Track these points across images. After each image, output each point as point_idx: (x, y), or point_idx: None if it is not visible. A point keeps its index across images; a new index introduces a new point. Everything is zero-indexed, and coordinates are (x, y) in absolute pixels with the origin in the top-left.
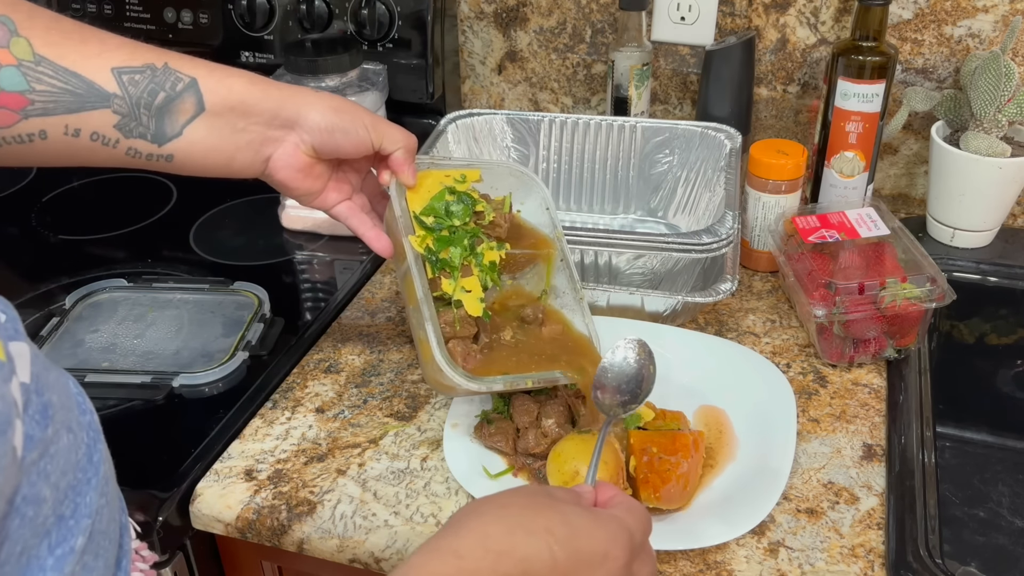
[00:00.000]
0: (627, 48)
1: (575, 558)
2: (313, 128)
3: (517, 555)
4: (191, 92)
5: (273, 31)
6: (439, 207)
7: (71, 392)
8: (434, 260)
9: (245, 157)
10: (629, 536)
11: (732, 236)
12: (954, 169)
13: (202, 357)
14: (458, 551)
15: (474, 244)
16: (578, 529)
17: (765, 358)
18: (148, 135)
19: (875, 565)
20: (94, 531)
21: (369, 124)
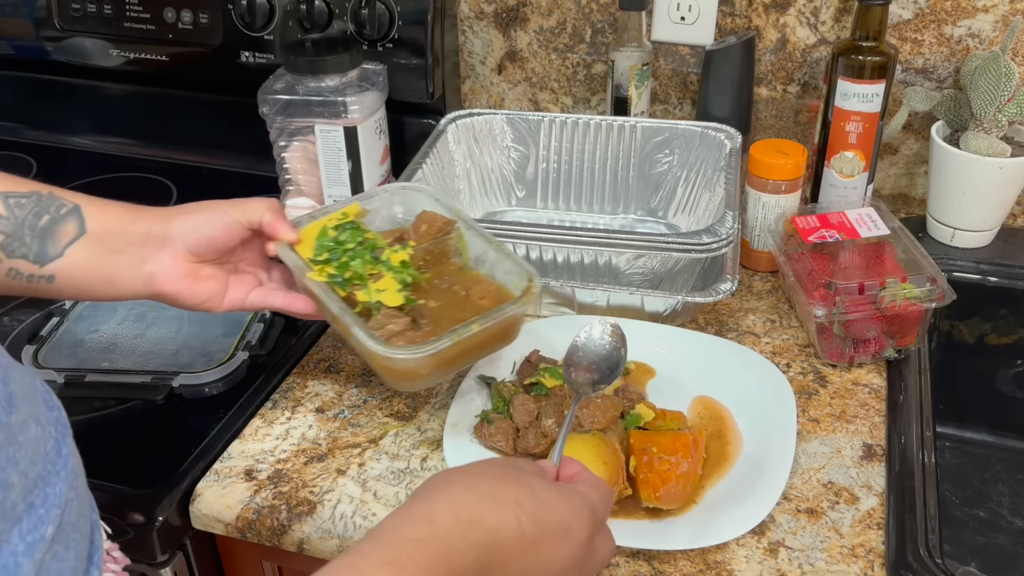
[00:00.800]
0: (627, 48)
1: (541, 529)
2: (180, 233)
3: (487, 524)
4: (74, 216)
5: (273, 31)
6: (326, 243)
7: (37, 389)
8: (340, 281)
9: (125, 277)
10: (592, 511)
11: (732, 236)
12: (954, 169)
13: (202, 357)
14: (430, 517)
15: (377, 256)
16: (545, 502)
17: (765, 358)
18: (30, 256)
19: (875, 565)
20: (64, 522)
21: (227, 206)
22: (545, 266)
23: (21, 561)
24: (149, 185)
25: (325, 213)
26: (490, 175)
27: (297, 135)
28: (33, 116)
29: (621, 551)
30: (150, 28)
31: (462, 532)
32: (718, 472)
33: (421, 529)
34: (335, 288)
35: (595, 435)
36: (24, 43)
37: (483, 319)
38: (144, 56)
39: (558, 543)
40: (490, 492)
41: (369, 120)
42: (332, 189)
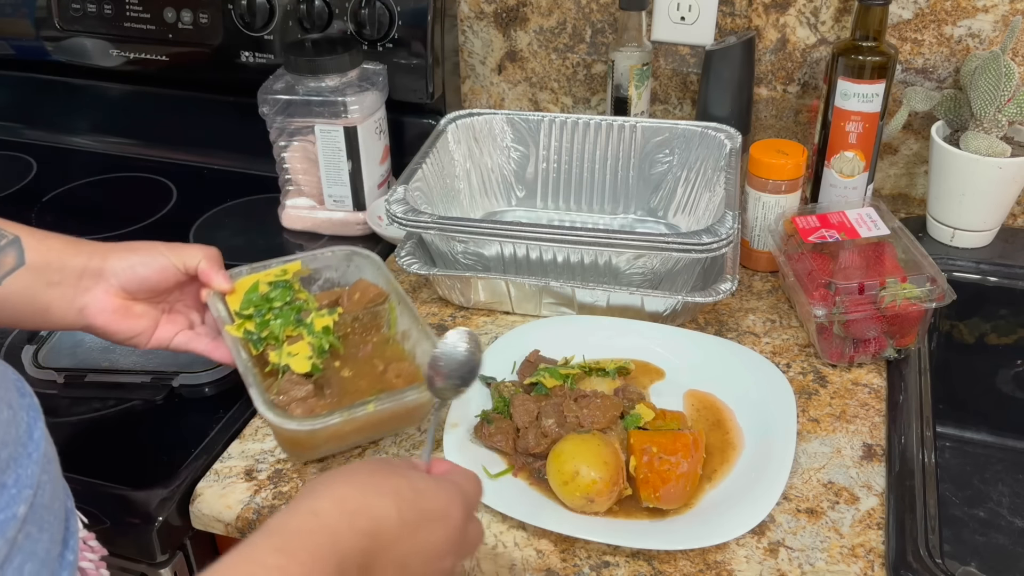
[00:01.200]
0: (627, 48)
1: (419, 516)
2: (116, 270)
3: (369, 513)
4: (14, 247)
5: (273, 31)
6: (255, 298)
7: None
8: (255, 338)
9: (59, 308)
10: (464, 499)
11: (732, 236)
12: (954, 169)
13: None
14: (315, 510)
15: (301, 318)
16: (421, 491)
17: (765, 358)
18: None
19: (875, 565)
20: (37, 504)
21: (165, 249)
22: (545, 266)
23: None
24: (149, 185)
25: (266, 268)
26: (490, 175)
27: (297, 135)
28: (33, 116)
29: (621, 551)
30: (150, 28)
31: (347, 522)
32: (718, 472)
33: (307, 521)
34: (248, 345)
35: (595, 435)
36: (24, 43)
37: (379, 400)
38: (144, 56)
39: (435, 528)
40: (369, 483)
41: (369, 120)
42: (332, 189)
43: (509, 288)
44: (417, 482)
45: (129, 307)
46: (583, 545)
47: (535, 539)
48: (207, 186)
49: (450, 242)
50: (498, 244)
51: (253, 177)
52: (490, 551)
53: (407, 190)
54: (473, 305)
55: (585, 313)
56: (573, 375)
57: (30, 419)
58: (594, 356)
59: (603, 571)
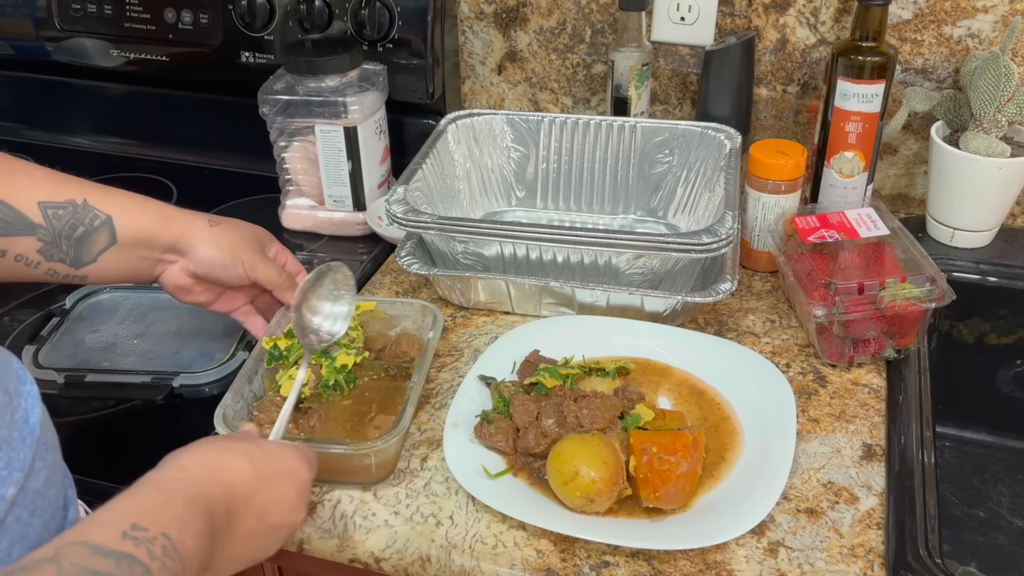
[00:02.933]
0: (627, 48)
1: (271, 471)
2: (197, 260)
3: (227, 468)
4: (106, 227)
5: (273, 31)
6: None
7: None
8: (276, 354)
9: (143, 275)
10: (309, 461)
11: (732, 236)
12: (954, 169)
13: (202, 357)
14: (181, 466)
15: (330, 349)
16: (271, 451)
17: (765, 358)
18: (67, 260)
19: (875, 565)
20: (28, 488)
21: (248, 264)
22: (545, 266)
23: None
24: (149, 185)
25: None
26: (490, 175)
27: (297, 135)
28: (33, 116)
29: (621, 551)
30: (150, 28)
31: (210, 474)
32: (718, 472)
33: (176, 473)
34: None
35: (595, 435)
36: (24, 43)
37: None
38: (144, 56)
39: (287, 482)
40: (225, 445)
41: (369, 120)
42: (332, 189)
43: (509, 288)
44: (265, 444)
45: (194, 286)
46: (583, 545)
47: (535, 539)
48: (207, 186)
49: (450, 242)
50: (498, 244)
51: (253, 177)
52: (490, 551)
53: (407, 190)
54: (473, 305)
55: (585, 313)
56: (573, 375)
57: (28, 406)
58: (594, 356)
59: (603, 571)
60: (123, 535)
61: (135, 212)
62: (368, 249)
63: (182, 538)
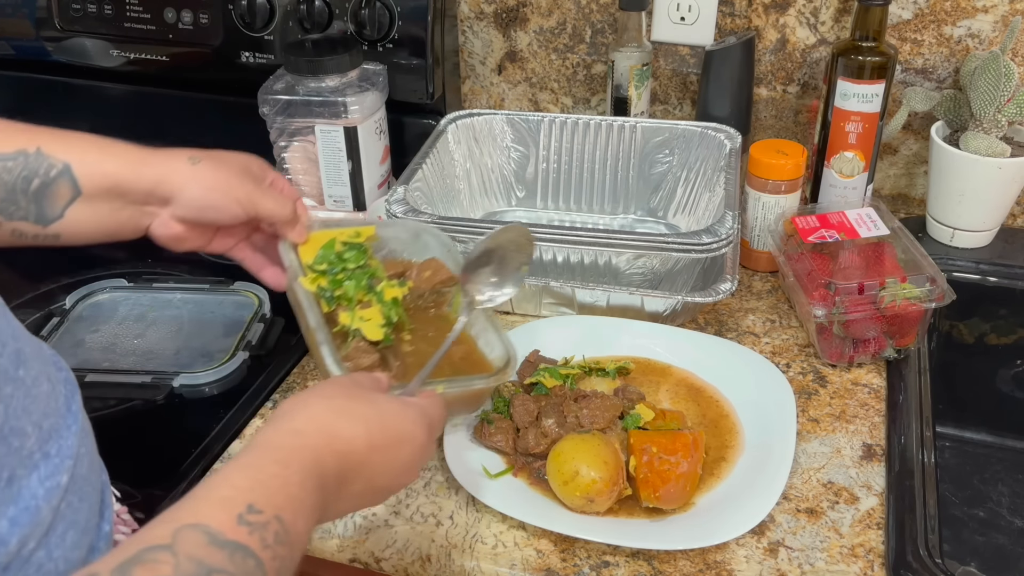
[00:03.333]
0: (627, 48)
1: (387, 439)
2: (185, 205)
3: (343, 436)
4: (65, 177)
5: (273, 31)
6: (330, 255)
7: (45, 352)
8: (328, 296)
9: (126, 229)
10: (428, 421)
11: (732, 236)
12: (954, 169)
13: (202, 357)
14: (297, 431)
15: (372, 284)
16: (387, 414)
17: (765, 358)
18: (31, 217)
19: (875, 565)
20: (76, 475)
21: (243, 199)
22: (545, 266)
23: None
24: None
25: (340, 225)
26: (490, 175)
27: (297, 135)
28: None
29: (621, 551)
30: (150, 28)
31: (325, 442)
32: (718, 472)
33: (292, 439)
34: (321, 301)
35: (595, 435)
36: (24, 43)
37: (449, 383)
38: (144, 56)
39: (401, 448)
40: (343, 408)
41: (369, 120)
42: (332, 189)
43: None
44: (384, 406)
45: (190, 231)
46: (583, 545)
47: (535, 539)
48: None
49: None
50: None
51: None
52: (490, 551)
53: (407, 190)
54: None
55: (585, 313)
56: (573, 375)
57: (67, 392)
58: (594, 356)
59: (603, 571)
60: (239, 519)
61: (97, 158)
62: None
63: (294, 520)
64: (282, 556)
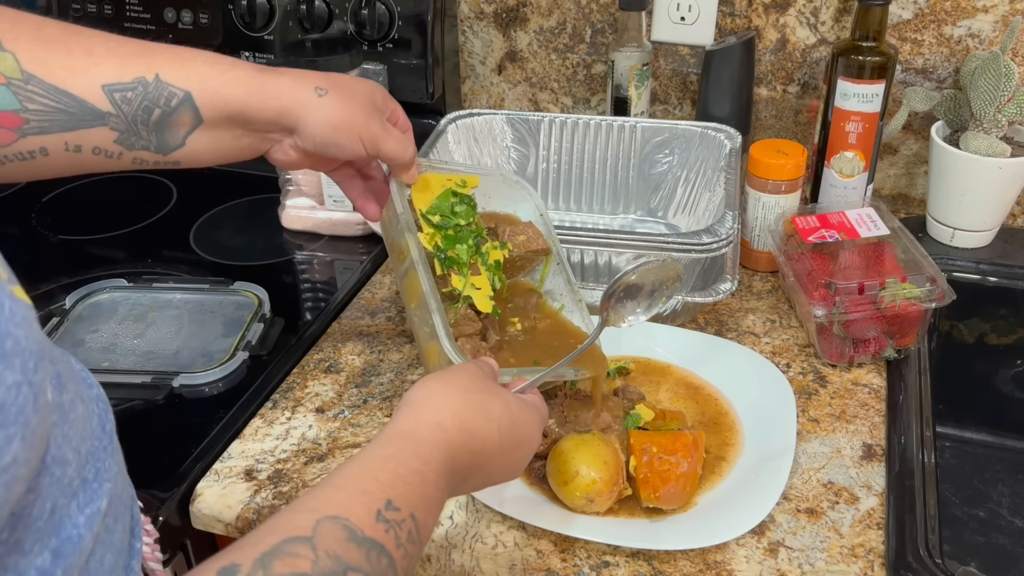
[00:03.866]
0: (627, 48)
1: (513, 441)
2: (308, 139)
3: (479, 435)
4: (187, 106)
5: (273, 31)
6: (445, 206)
7: (75, 368)
8: (443, 257)
9: (247, 154)
10: (544, 423)
11: (732, 236)
12: (954, 169)
13: (202, 357)
14: (442, 425)
15: (479, 244)
16: (516, 418)
17: (765, 358)
18: (151, 147)
19: (875, 565)
20: (113, 496)
21: (366, 139)
22: None
23: (83, 533)
24: (149, 185)
25: (444, 168)
26: None
27: None
28: None
29: (621, 551)
30: (150, 28)
31: (463, 440)
32: (718, 472)
33: (435, 434)
34: (436, 261)
35: (595, 435)
36: None
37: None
38: None
39: (521, 450)
40: (480, 407)
41: None
42: (332, 189)
43: None
44: (513, 408)
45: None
46: (583, 545)
47: (535, 539)
48: (207, 186)
49: None
50: None
51: (253, 177)
52: (490, 551)
53: None
54: None
55: None
56: None
57: (100, 411)
58: None
59: (603, 571)
60: (377, 516)
61: (219, 84)
62: (368, 249)
63: (426, 518)
64: (411, 555)
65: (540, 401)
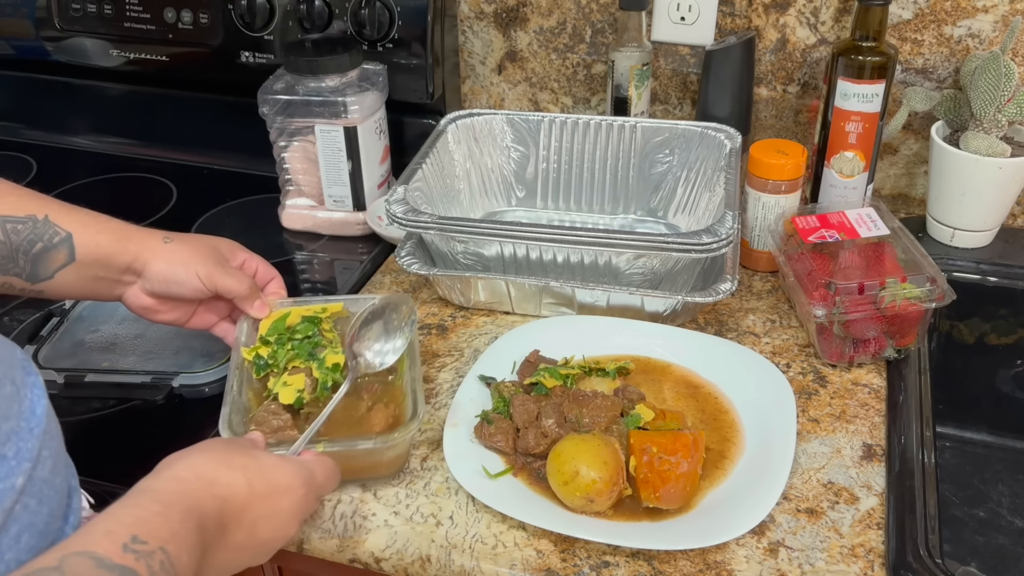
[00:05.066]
0: (627, 48)
1: (266, 486)
2: (152, 278)
3: (222, 482)
4: (65, 245)
5: (273, 31)
6: (280, 326)
7: (16, 356)
8: (261, 363)
9: (101, 295)
10: (310, 477)
11: (732, 236)
12: (954, 169)
13: (202, 357)
14: (177, 476)
15: (316, 352)
16: (267, 467)
17: (765, 358)
18: (23, 275)
19: (875, 565)
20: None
21: (204, 276)
22: (545, 266)
23: None
24: (149, 185)
25: (308, 303)
26: (490, 175)
27: (297, 135)
28: (33, 116)
29: (621, 551)
30: (150, 28)
31: (205, 487)
32: (721, 468)
33: (172, 484)
34: (252, 369)
35: (595, 435)
36: (24, 43)
37: (330, 443)
38: (144, 56)
39: (280, 497)
40: (222, 458)
41: (369, 120)
42: (332, 189)
43: (509, 288)
44: (262, 458)
45: (162, 303)
46: (583, 545)
47: (535, 539)
48: (207, 186)
49: (450, 242)
50: (498, 244)
51: (253, 177)
52: (490, 551)
53: (407, 190)
54: (473, 305)
55: (585, 313)
56: (573, 375)
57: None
58: (594, 356)
59: (603, 571)
60: (124, 547)
61: (96, 231)
62: (368, 249)
63: (178, 552)
64: None
65: (310, 458)
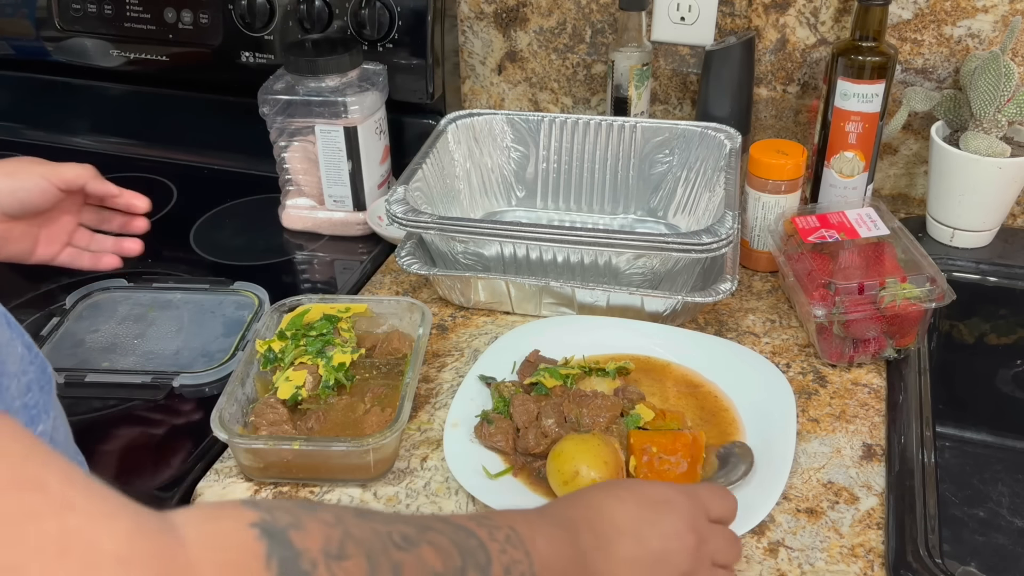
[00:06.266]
0: (627, 48)
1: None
2: None
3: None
4: None
5: (273, 31)
6: (299, 321)
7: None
8: (270, 356)
9: None
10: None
11: (732, 236)
12: (954, 169)
13: (202, 357)
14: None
15: (325, 349)
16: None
17: (765, 358)
18: None
19: (875, 565)
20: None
21: (44, 172)
22: (545, 266)
23: None
24: (149, 185)
25: (334, 302)
26: (490, 175)
27: (297, 135)
28: (33, 116)
29: None
30: (150, 28)
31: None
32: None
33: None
34: (260, 360)
35: (595, 435)
36: (24, 43)
37: (306, 442)
38: (144, 56)
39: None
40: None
41: (369, 120)
42: (332, 189)
43: (509, 288)
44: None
45: (11, 229)
46: None
47: None
48: (207, 186)
49: (450, 242)
50: (498, 244)
51: (253, 177)
52: None
53: (407, 190)
54: (473, 305)
55: (585, 313)
56: (573, 375)
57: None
58: (594, 356)
59: None
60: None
61: None
62: (368, 249)
63: (531, 535)
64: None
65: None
